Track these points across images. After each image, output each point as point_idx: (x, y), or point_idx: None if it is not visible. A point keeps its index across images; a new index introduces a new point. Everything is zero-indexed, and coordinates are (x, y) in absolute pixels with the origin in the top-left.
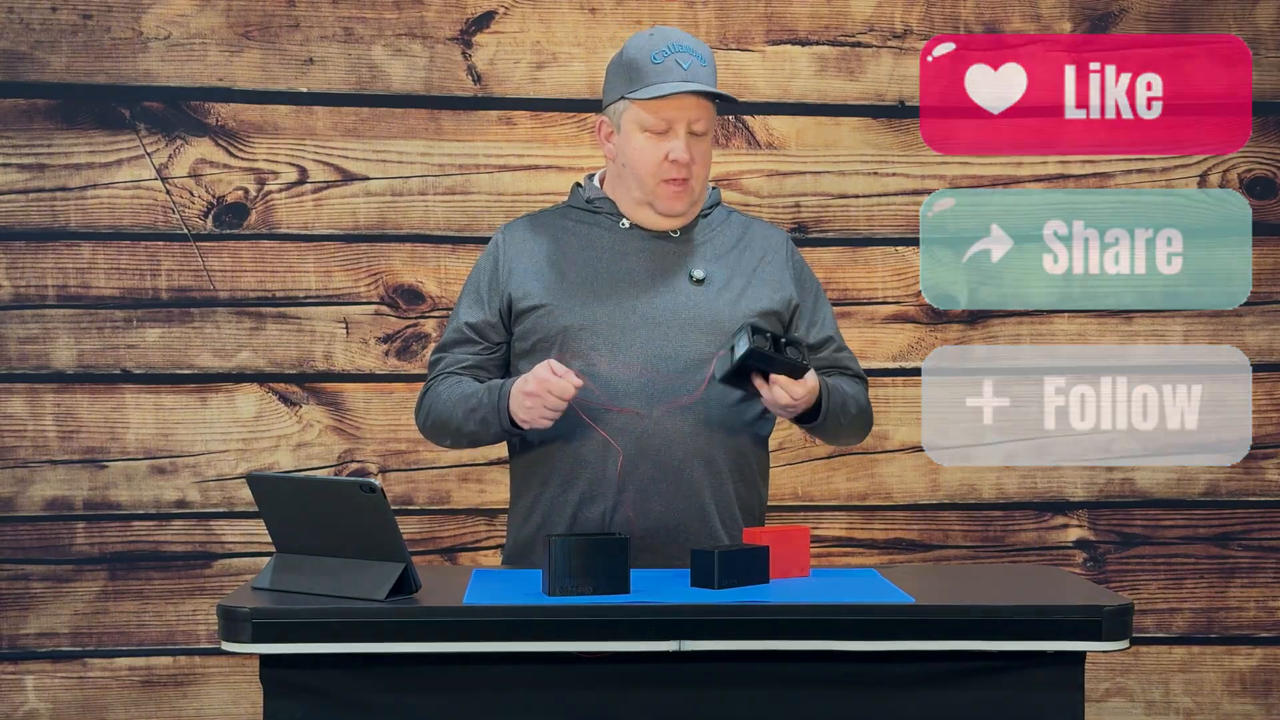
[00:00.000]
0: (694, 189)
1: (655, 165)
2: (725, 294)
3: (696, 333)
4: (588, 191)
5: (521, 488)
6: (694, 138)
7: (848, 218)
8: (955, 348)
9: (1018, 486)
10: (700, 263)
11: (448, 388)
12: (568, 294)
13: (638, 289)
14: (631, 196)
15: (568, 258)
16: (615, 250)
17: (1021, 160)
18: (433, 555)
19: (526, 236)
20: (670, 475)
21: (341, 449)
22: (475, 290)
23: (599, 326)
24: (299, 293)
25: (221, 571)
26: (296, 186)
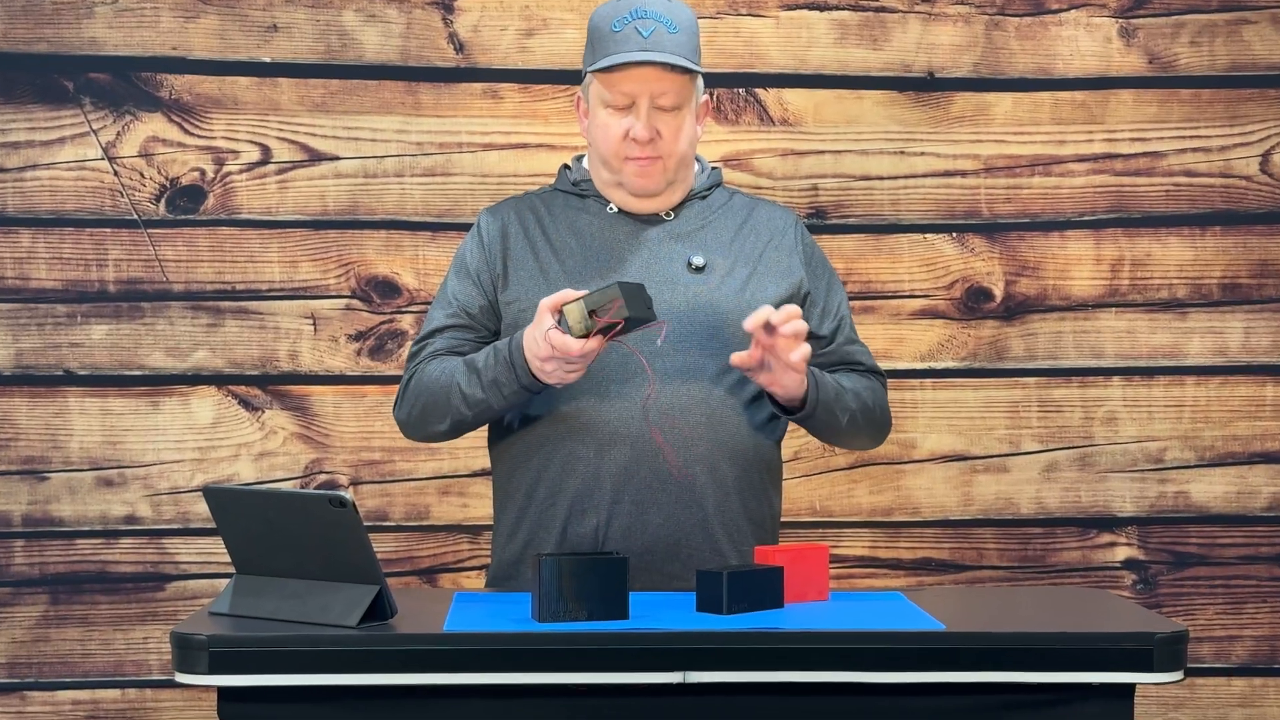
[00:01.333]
0: (667, 166)
1: (616, 142)
2: (728, 283)
3: (697, 326)
4: (575, 173)
5: (504, 501)
6: (661, 113)
7: (871, 202)
8: (990, 346)
9: (1060, 500)
10: (699, 249)
11: (437, 366)
12: (552, 285)
13: (630, 279)
14: (601, 177)
15: (553, 245)
16: (603, 236)
17: (1064, 138)
18: (410, 577)
19: (511, 221)
20: (669, 484)
21: (309, 459)
22: (463, 271)
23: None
24: (261, 285)
25: (175, 595)
26: (259, 167)
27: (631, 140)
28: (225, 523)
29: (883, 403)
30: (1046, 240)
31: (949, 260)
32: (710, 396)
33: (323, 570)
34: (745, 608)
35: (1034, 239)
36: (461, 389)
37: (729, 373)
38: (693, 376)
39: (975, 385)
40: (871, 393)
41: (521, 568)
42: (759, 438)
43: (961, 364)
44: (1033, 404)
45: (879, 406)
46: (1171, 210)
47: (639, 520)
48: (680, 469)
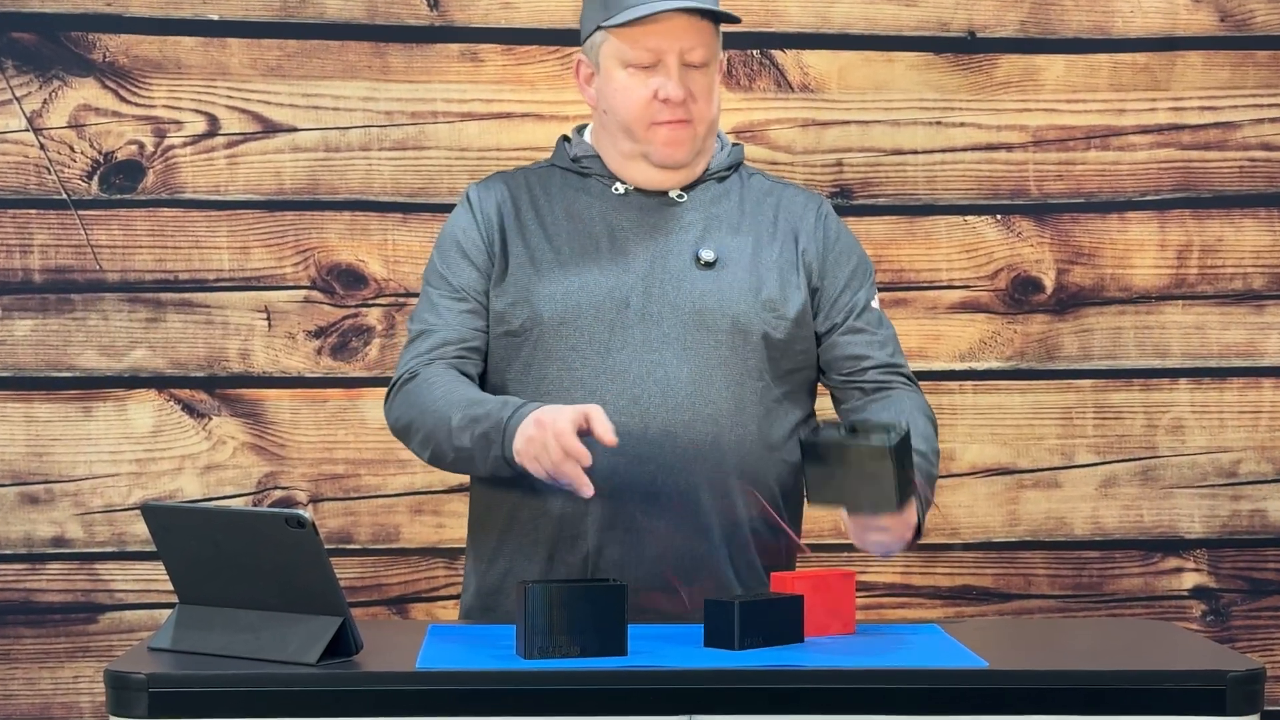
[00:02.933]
0: (698, 132)
1: (642, 106)
2: (740, 281)
3: (702, 333)
4: (576, 148)
5: (482, 519)
6: (690, 70)
7: (903, 179)
8: (1039, 344)
9: (1119, 520)
10: (710, 239)
11: (448, 379)
12: (543, 277)
13: (632, 273)
14: (619, 149)
15: (546, 230)
16: (604, 222)
17: (1124, 106)
18: (377, 607)
19: (504, 199)
20: (670, 509)
21: (262, 472)
22: (457, 252)
23: (582, 321)
24: (208, 274)
25: (110, 627)
26: (205, 140)
27: (661, 102)
28: (167, 545)
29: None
30: (1104, 223)
31: (992, 246)
32: (718, 413)
33: (278, 600)
34: (759, 642)
35: (1089, 222)
36: (456, 425)
37: (741, 385)
38: (697, 389)
39: (1022, 389)
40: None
41: (501, 597)
42: (774, 457)
43: (1007, 364)
44: (1088, 410)
45: (933, 436)
46: (1246, 189)
47: (634, 550)
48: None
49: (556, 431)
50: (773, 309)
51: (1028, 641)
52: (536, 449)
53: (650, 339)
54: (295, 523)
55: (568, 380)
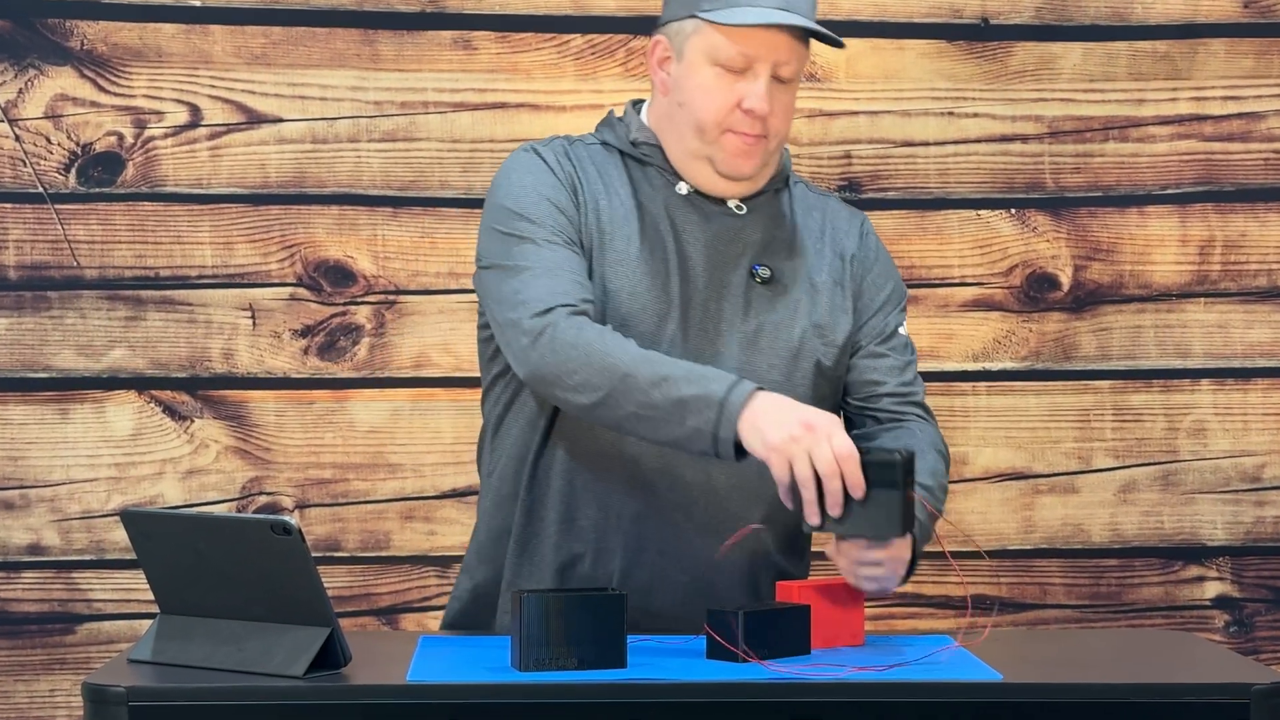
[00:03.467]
0: (769, 149)
1: (723, 111)
2: (794, 304)
3: (755, 354)
4: (633, 129)
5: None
6: (778, 85)
7: (914, 172)
8: (1056, 343)
9: (1138, 527)
10: (767, 255)
11: (614, 336)
12: (616, 268)
13: (693, 282)
14: (685, 147)
15: (615, 217)
16: (671, 221)
17: (1144, 96)
18: (366, 617)
19: (575, 170)
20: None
21: (246, 477)
22: (551, 206)
23: (644, 325)
24: (190, 271)
25: (88, 638)
26: (187, 131)
27: (742, 112)
28: (147, 553)
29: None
30: (1123, 218)
31: (1007, 241)
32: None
33: (263, 610)
34: (765, 654)
35: (1108, 216)
36: (633, 376)
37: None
38: None
39: (1038, 390)
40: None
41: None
42: None
43: (1022, 365)
44: (1106, 412)
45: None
46: (1271, 182)
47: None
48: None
49: (840, 445)
50: (823, 335)
51: (1044, 653)
52: (798, 451)
53: (704, 355)
54: (281, 529)
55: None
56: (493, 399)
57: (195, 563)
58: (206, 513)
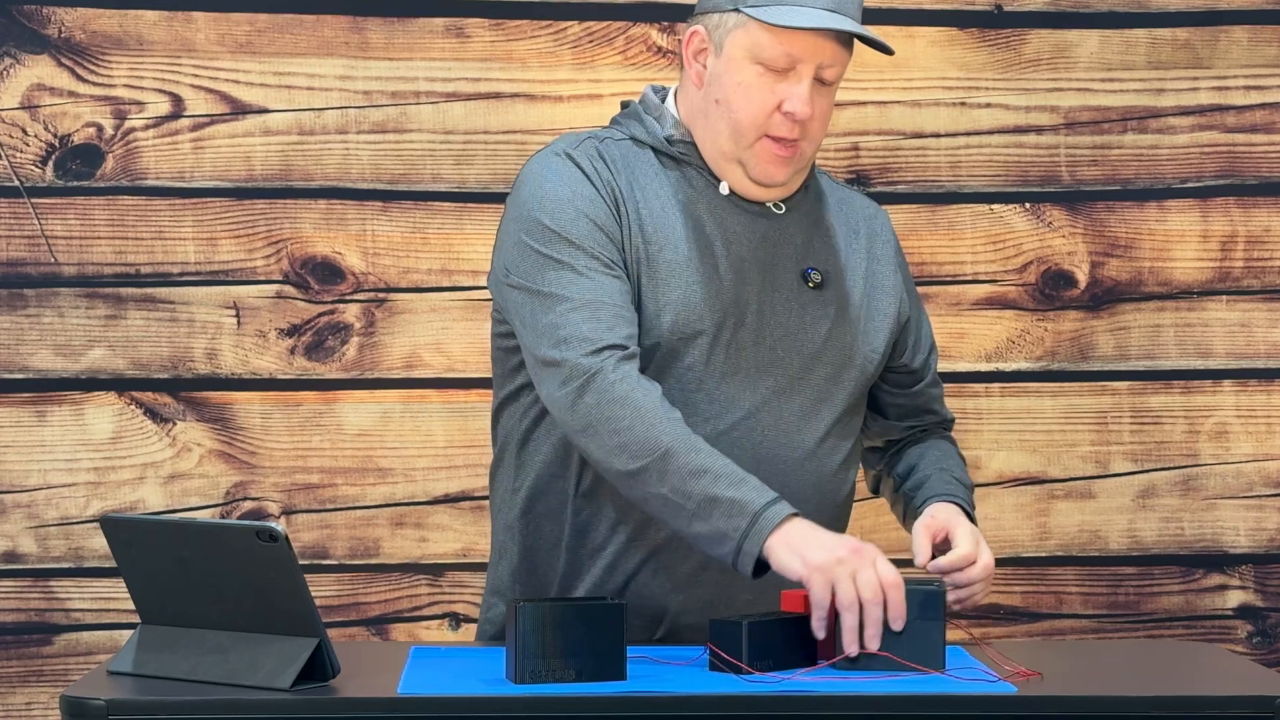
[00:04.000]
0: (804, 154)
1: (762, 114)
2: (848, 306)
3: (818, 364)
4: (667, 124)
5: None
6: (819, 87)
7: (924, 165)
8: (1072, 343)
9: (1158, 533)
10: (812, 256)
11: (663, 405)
12: (667, 280)
13: (747, 289)
14: (719, 147)
15: (658, 222)
16: (719, 224)
17: (1163, 85)
18: (356, 628)
19: (612, 174)
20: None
21: (231, 482)
22: (590, 224)
23: (701, 339)
24: (172, 268)
25: (66, 649)
26: (169, 122)
27: (783, 114)
28: (128, 561)
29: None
30: (1141, 212)
31: (1021, 237)
32: (820, 451)
33: (249, 620)
34: (769, 666)
35: (1126, 210)
36: (681, 462)
37: (838, 424)
38: (807, 426)
39: (1054, 391)
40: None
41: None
42: (844, 510)
43: (1037, 365)
44: (1124, 414)
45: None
46: None
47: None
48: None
49: (886, 571)
50: (868, 340)
51: (1059, 665)
52: (843, 574)
53: (763, 364)
54: (267, 536)
55: (680, 402)
56: (518, 411)
57: (178, 571)
58: (189, 519)
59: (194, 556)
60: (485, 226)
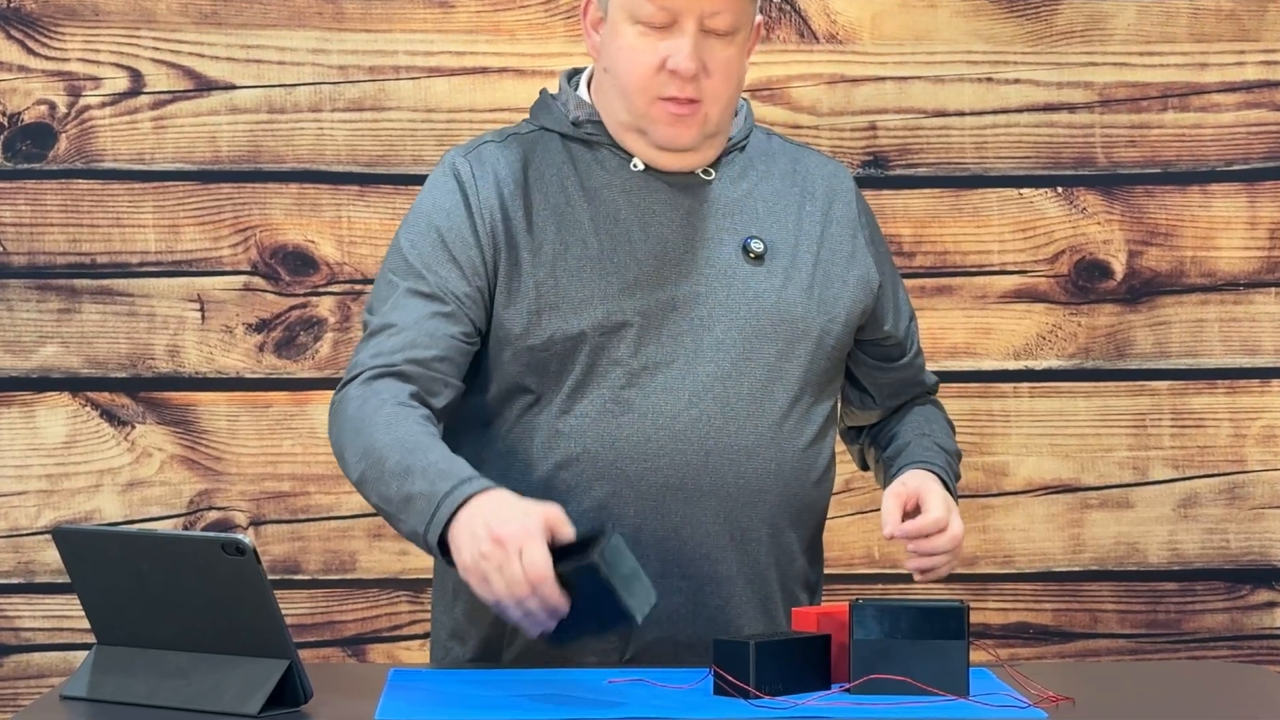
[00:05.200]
0: (708, 116)
1: (647, 75)
2: (795, 277)
3: (764, 341)
4: (573, 107)
5: None
6: (711, 39)
7: (948, 146)
8: (1108, 339)
9: (1201, 546)
10: (753, 224)
11: (393, 411)
12: (575, 279)
13: (676, 270)
14: (616, 118)
15: (565, 217)
16: (634, 205)
17: (1207, 60)
18: (330, 648)
19: (505, 177)
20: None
21: (194, 490)
22: (436, 244)
23: (628, 331)
24: (131, 258)
25: (15, 672)
26: (127, 99)
27: (669, 73)
28: (82, 576)
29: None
30: (1184, 197)
31: (1052, 224)
32: (780, 436)
33: (213, 640)
34: (778, 689)
35: (1166, 195)
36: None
37: (798, 402)
38: (759, 408)
39: (1087, 391)
40: (950, 435)
41: (498, 648)
42: (820, 490)
43: (1069, 363)
44: (1165, 417)
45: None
46: None
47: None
48: None
49: (530, 564)
50: (825, 310)
51: (1093, 690)
52: (490, 570)
53: (701, 348)
54: (233, 549)
55: (612, 400)
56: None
57: (136, 587)
58: (149, 530)
59: (154, 571)
60: None
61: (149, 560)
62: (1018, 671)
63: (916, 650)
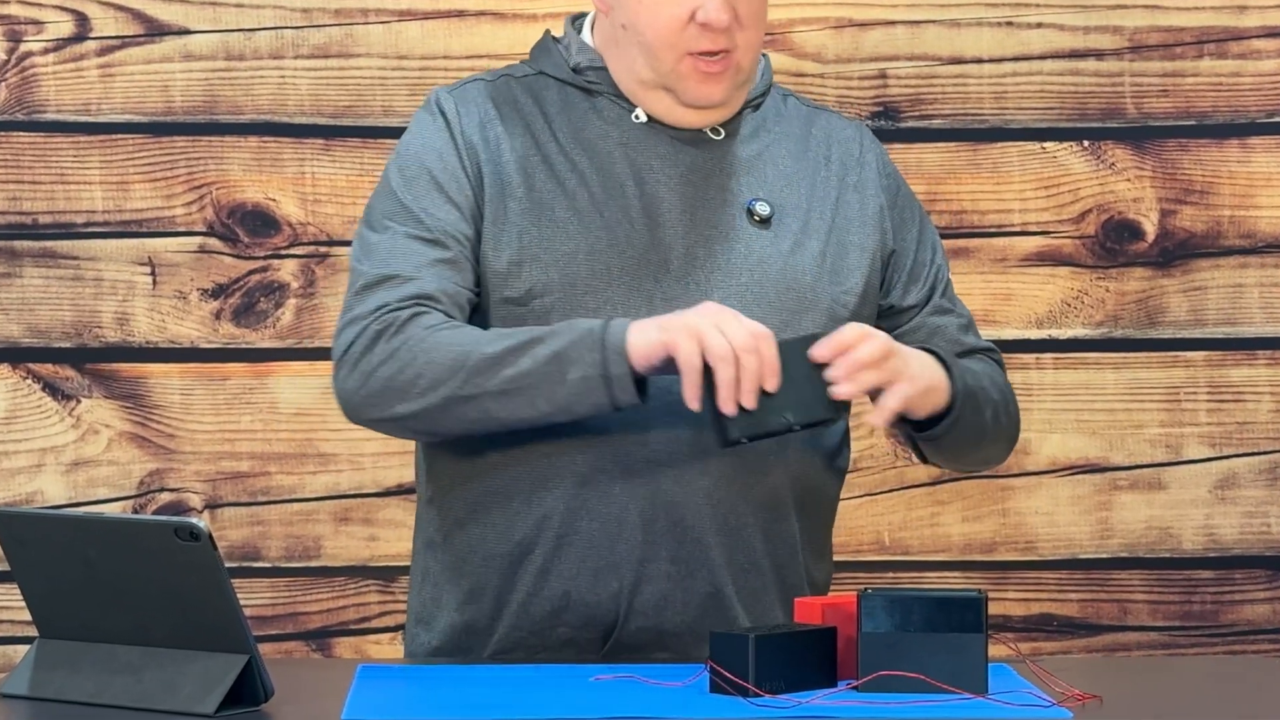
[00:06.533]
0: (741, 66)
1: (675, 30)
2: (805, 244)
3: (767, 310)
4: (574, 52)
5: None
6: None
7: (965, 97)
8: (1138, 305)
9: (1239, 531)
10: (761, 186)
11: (449, 328)
12: (559, 228)
13: (669, 228)
14: (636, 76)
15: (555, 164)
16: (629, 159)
17: (1246, 2)
18: (293, 642)
19: (491, 116)
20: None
21: (145, 470)
22: (428, 183)
23: (611, 289)
24: (76, 218)
25: None
26: (72, 45)
27: (699, 26)
28: (23, 564)
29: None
30: (1221, 151)
31: (1078, 180)
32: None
33: (166, 633)
34: (779, 687)
35: (1202, 150)
36: (487, 353)
37: None
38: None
39: (1117, 362)
40: (999, 381)
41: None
42: (830, 472)
43: (1097, 332)
44: (1200, 390)
45: (1012, 400)
46: None
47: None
48: None
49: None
50: (838, 280)
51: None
52: (707, 327)
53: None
54: (187, 534)
55: None
56: None
57: (82, 575)
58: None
59: (101, 558)
60: None
61: (95, 546)
62: (1040, 667)
63: (930, 644)
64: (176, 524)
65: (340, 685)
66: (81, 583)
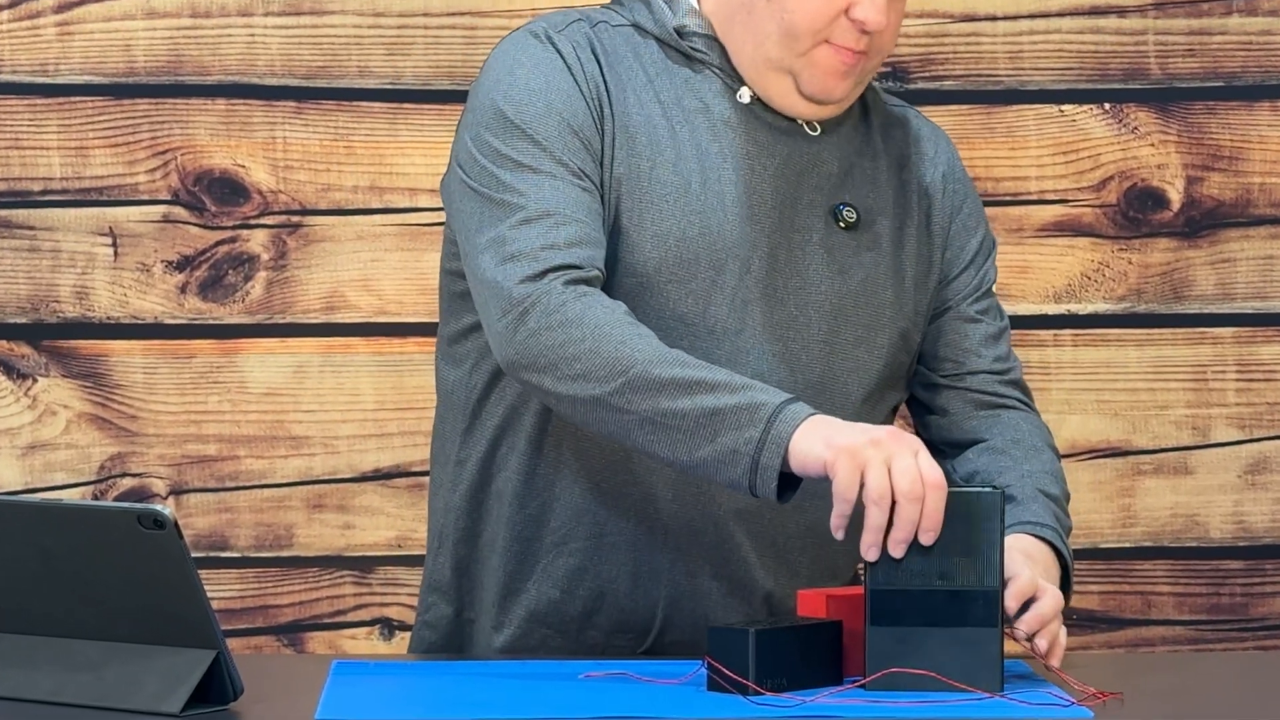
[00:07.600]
0: (868, 70)
1: (826, 18)
2: (883, 252)
3: (845, 324)
4: (680, 12)
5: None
6: None
7: (977, 56)
8: (1163, 278)
9: (1271, 518)
10: (849, 190)
11: (619, 313)
12: (658, 202)
13: (761, 221)
14: (762, 52)
15: (656, 130)
16: (730, 137)
17: None
18: (263, 636)
19: (604, 63)
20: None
21: (106, 454)
22: (565, 127)
23: (695, 281)
24: (32, 185)
25: None
26: (27, 3)
27: (851, 22)
28: None
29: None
30: (1251, 115)
31: (1099, 146)
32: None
33: (129, 628)
34: (782, 684)
35: (1230, 113)
36: (652, 375)
37: (870, 400)
38: (825, 400)
39: (1140, 339)
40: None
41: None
42: None
43: (1119, 306)
44: (1229, 369)
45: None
46: None
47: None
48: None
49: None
50: (908, 296)
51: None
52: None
53: (775, 322)
54: (151, 522)
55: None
56: (468, 357)
57: (39, 566)
58: (54, 500)
59: (59, 548)
60: (424, 133)
61: (53, 535)
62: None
63: (942, 639)
64: (139, 511)
65: (314, 682)
66: (38, 574)
